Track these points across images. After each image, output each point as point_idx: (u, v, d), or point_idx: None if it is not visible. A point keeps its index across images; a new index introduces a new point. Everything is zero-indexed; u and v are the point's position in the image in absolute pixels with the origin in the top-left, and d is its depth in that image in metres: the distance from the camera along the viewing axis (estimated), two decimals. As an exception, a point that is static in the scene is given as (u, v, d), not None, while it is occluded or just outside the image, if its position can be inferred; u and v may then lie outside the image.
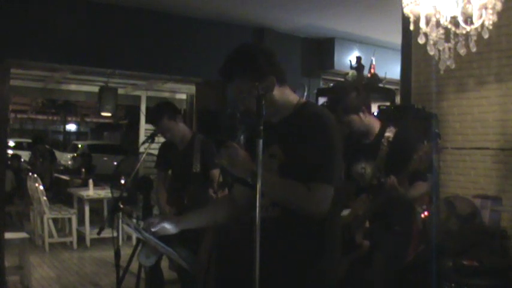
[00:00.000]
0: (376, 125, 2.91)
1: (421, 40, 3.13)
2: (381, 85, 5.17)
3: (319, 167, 1.85)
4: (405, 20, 3.65)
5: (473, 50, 3.07)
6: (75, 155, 14.18)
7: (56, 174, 10.08)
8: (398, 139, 2.81)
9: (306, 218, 1.87)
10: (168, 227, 2.03)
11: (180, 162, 3.82)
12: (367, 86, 4.86)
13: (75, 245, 7.08)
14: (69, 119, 25.85)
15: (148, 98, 9.42)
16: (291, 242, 1.90)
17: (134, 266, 3.42)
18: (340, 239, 2.05)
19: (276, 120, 1.92)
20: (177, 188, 3.82)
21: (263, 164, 1.63)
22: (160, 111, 3.72)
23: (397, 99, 5.04)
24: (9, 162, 8.66)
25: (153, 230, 2.01)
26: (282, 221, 1.84)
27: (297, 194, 1.85)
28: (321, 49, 6.90)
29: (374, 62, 5.45)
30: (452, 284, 3.10)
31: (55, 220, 7.28)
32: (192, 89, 7.80)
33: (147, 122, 9.12)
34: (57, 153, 14.85)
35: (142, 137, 8.87)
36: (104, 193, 7.50)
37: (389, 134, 2.84)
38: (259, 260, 1.57)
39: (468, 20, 2.98)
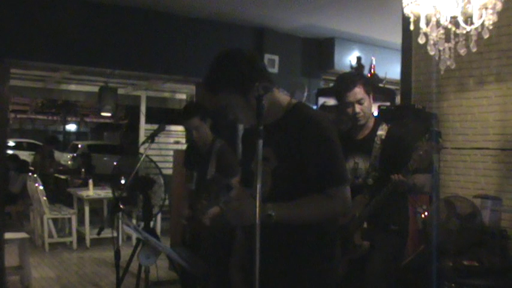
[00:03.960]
0: (372, 120, 2.91)
1: (421, 40, 3.13)
2: (381, 85, 5.17)
3: (331, 171, 1.85)
4: (405, 20, 3.65)
5: (473, 50, 3.07)
6: (75, 155, 14.18)
7: (55, 174, 10.08)
8: (391, 137, 2.81)
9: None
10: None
11: (200, 165, 3.87)
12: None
13: (75, 245, 7.08)
14: (69, 119, 25.85)
15: (148, 98, 9.42)
16: (292, 243, 1.90)
17: (134, 266, 3.43)
18: (340, 239, 2.06)
19: (267, 123, 1.88)
20: (197, 192, 3.88)
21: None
22: (195, 109, 3.84)
23: (397, 99, 5.04)
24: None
25: None
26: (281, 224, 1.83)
27: (321, 209, 1.85)
28: (321, 49, 6.90)
29: (374, 62, 5.45)
30: (452, 284, 3.10)
31: (55, 220, 7.28)
32: (192, 89, 7.80)
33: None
34: (57, 153, 14.84)
35: (142, 137, 8.87)
36: (104, 193, 7.51)
37: (382, 132, 2.83)
38: (261, 261, 1.57)
39: (468, 20, 2.98)
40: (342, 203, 1.86)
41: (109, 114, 8.17)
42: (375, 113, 3.44)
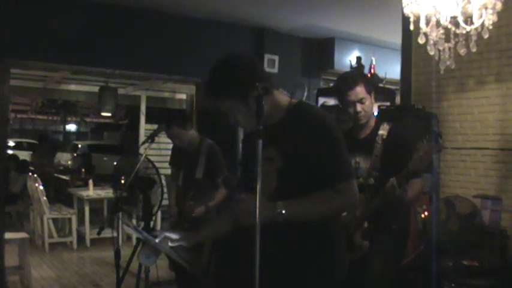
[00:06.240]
0: (373, 119, 2.91)
1: (421, 40, 3.13)
2: (381, 85, 5.17)
3: (338, 167, 1.86)
4: (405, 20, 3.65)
5: (473, 50, 3.07)
6: (75, 155, 14.17)
7: (55, 174, 10.08)
8: (393, 137, 2.80)
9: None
10: (185, 244, 2.06)
11: (187, 165, 3.91)
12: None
13: (75, 245, 7.08)
14: (69, 119, 25.83)
15: (148, 98, 9.42)
16: (296, 242, 1.90)
17: (134, 266, 3.43)
18: (345, 238, 2.07)
19: (270, 123, 1.90)
20: (183, 190, 3.91)
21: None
22: (171, 120, 3.88)
23: (397, 99, 5.04)
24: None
25: (171, 245, 2.03)
26: (288, 222, 1.83)
27: (331, 205, 1.86)
28: (321, 49, 6.90)
29: (374, 62, 5.45)
30: (452, 284, 3.10)
31: (55, 220, 7.28)
32: (192, 89, 7.80)
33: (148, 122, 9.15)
34: (57, 153, 14.83)
35: (142, 137, 8.87)
36: (104, 193, 7.51)
37: (383, 131, 2.83)
38: (265, 260, 1.58)
39: (468, 20, 2.98)
40: (351, 198, 1.87)
41: (109, 114, 8.18)
42: (375, 113, 3.44)
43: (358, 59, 5.50)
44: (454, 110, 4.20)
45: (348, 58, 6.51)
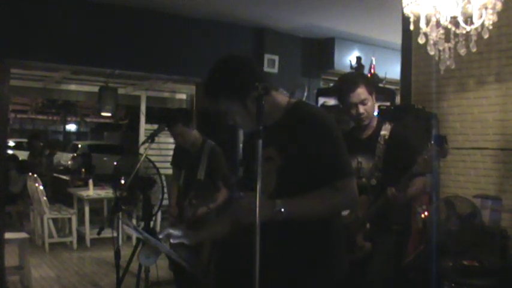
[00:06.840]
0: (374, 119, 2.90)
1: (421, 40, 3.13)
2: (381, 85, 5.17)
3: (336, 164, 1.86)
4: (405, 20, 3.65)
5: (473, 50, 3.07)
6: (75, 155, 14.16)
7: (55, 174, 10.06)
8: (395, 137, 2.80)
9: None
10: (186, 242, 2.06)
11: (189, 165, 3.91)
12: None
13: (75, 245, 7.08)
14: (69, 119, 25.83)
15: (148, 98, 9.42)
16: (296, 241, 1.91)
17: (134, 266, 3.43)
18: (345, 238, 2.07)
19: (269, 123, 1.90)
20: (184, 191, 3.92)
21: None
22: (176, 117, 3.87)
23: (397, 99, 5.04)
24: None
25: (172, 241, 2.03)
26: (288, 221, 1.83)
27: (329, 203, 1.86)
28: (321, 49, 6.90)
29: (374, 62, 5.45)
30: (452, 284, 3.10)
31: (55, 220, 7.28)
32: (192, 89, 7.80)
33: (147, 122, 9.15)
34: (57, 153, 14.81)
35: (142, 137, 8.87)
36: (104, 193, 7.51)
37: (385, 132, 2.83)
38: (265, 260, 1.58)
39: (468, 20, 2.98)
40: (349, 196, 1.87)
41: (109, 114, 8.17)
42: (375, 113, 3.44)
43: (358, 59, 5.49)
44: (454, 110, 4.20)
45: (348, 58, 6.51)
